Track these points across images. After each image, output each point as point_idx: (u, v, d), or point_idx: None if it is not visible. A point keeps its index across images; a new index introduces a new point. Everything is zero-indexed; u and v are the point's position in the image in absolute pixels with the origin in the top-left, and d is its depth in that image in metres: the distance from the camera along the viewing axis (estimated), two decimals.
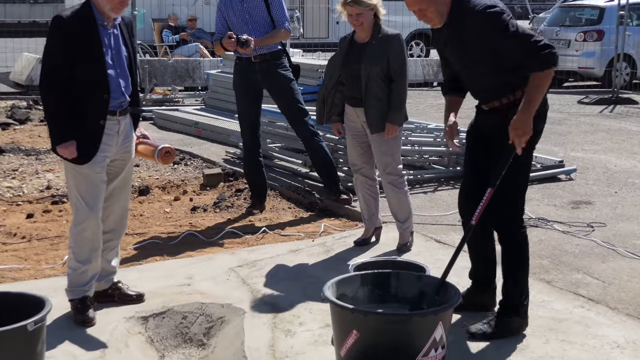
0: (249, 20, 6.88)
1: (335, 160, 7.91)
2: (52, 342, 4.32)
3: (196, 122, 11.09)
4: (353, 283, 4.25)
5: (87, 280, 4.78)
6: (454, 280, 4.63)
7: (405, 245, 5.92)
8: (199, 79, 15.52)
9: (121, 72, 4.67)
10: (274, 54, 6.99)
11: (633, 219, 6.84)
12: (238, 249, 6.18)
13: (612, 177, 8.44)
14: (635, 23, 16.46)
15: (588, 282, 5.33)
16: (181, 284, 5.32)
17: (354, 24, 5.68)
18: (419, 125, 8.90)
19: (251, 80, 7.03)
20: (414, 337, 3.81)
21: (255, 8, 6.91)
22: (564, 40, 16.51)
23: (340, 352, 3.95)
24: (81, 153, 4.58)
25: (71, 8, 4.62)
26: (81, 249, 4.73)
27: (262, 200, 7.30)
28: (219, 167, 8.76)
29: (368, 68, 5.65)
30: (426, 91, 16.26)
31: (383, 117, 5.68)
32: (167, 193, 8.00)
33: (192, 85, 15.72)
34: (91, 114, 4.59)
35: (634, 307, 4.90)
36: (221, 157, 9.32)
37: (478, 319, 4.56)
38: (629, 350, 4.30)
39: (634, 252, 5.91)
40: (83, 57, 4.52)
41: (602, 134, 11.10)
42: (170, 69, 15.53)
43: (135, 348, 4.57)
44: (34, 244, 6.23)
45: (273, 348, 4.39)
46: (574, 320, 4.69)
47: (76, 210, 4.71)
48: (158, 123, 11.81)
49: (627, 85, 15.78)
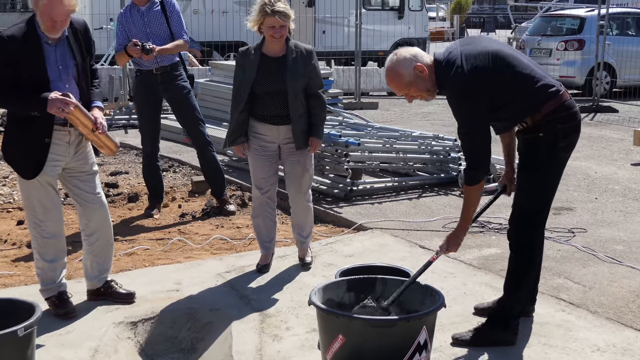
0: (150, 34, 7.05)
1: (322, 167, 7.94)
2: (42, 348, 4.31)
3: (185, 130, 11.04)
4: (339, 288, 4.26)
5: (58, 277, 4.86)
6: (438, 285, 4.65)
7: (305, 260, 5.74)
8: None
9: (69, 87, 4.62)
10: (174, 65, 7.22)
11: (613, 224, 6.87)
12: (226, 255, 6.18)
13: (593, 183, 8.49)
14: (615, 32, 16.56)
15: (569, 286, 5.35)
16: (170, 289, 5.31)
17: (274, 36, 5.23)
18: (403, 133, 8.92)
19: (153, 91, 7.23)
20: (398, 341, 3.81)
21: (155, 22, 7.12)
22: (546, 49, 16.59)
23: (326, 356, 3.96)
24: (27, 168, 4.64)
25: (15, 26, 4.57)
26: (46, 250, 4.79)
27: (160, 201, 7.57)
28: None
29: (294, 83, 5.28)
30: None
31: (305, 132, 5.43)
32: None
33: None
34: (36, 131, 4.59)
35: (614, 311, 4.92)
36: None
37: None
38: (608, 353, 4.33)
39: (614, 257, 5.93)
40: (27, 76, 4.49)
41: (583, 142, 11.13)
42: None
43: (125, 353, 4.56)
44: (24, 251, 6.20)
45: (261, 352, 4.39)
46: (556, 324, 4.71)
47: (31, 214, 4.76)
48: None
49: (607, 93, 15.87)
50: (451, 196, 7.81)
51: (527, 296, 4.57)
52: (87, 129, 4.64)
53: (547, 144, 4.25)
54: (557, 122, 4.24)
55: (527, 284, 4.49)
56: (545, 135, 4.24)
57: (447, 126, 11.80)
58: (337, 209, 7.33)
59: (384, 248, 6.20)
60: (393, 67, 4.29)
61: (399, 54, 4.30)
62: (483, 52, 4.20)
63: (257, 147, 5.46)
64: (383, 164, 8.36)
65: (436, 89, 4.33)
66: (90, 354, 4.37)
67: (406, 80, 4.26)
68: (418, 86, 4.28)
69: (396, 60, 4.28)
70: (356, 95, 15.34)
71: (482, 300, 4.99)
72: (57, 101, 4.41)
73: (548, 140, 4.25)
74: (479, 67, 4.14)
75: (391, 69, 4.31)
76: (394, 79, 4.31)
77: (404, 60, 4.26)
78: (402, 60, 4.26)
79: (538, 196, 4.39)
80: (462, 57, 4.18)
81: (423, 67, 4.23)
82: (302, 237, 5.75)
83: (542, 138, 4.25)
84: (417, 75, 4.24)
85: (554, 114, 4.22)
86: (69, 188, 4.88)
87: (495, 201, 4.96)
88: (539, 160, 4.30)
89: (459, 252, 6.00)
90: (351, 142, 7.89)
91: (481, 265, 5.76)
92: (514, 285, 4.46)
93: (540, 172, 4.33)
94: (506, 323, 4.43)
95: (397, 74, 4.27)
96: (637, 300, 5.09)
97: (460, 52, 4.21)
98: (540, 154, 4.28)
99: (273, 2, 5.18)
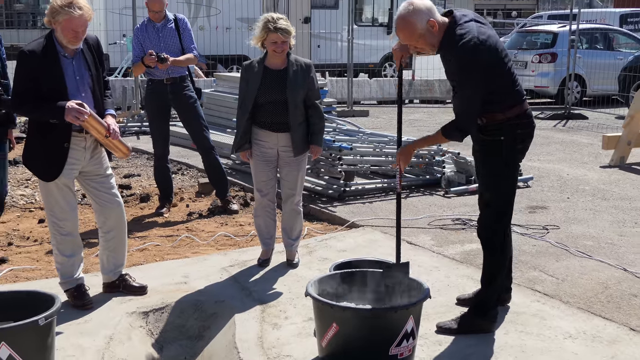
0: (163, 48, 7.09)
1: (317, 170, 7.95)
2: (61, 336, 4.31)
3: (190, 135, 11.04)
4: (334, 281, 4.26)
5: (76, 271, 4.86)
6: (424, 277, 4.66)
7: (293, 262, 5.70)
8: None
9: (85, 96, 4.63)
10: (182, 77, 7.29)
11: (583, 222, 6.88)
12: (230, 250, 6.17)
13: (565, 184, 8.49)
14: (585, 46, 16.59)
15: (543, 279, 5.36)
16: (178, 282, 5.31)
17: (276, 51, 5.22)
18: (392, 138, 8.92)
19: (163, 99, 7.27)
20: (388, 329, 3.82)
21: (168, 37, 7.19)
22: (522, 61, 16.59)
23: (321, 343, 3.97)
24: (47, 171, 4.64)
25: (35, 41, 4.61)
26: (64, 245, 4.79)
27: (169, 201, 7.57)
28: None
29: (294, 94, 5.27)
30: None
31: (304, 140, 5.43)
32: None
33: None
34: (56, 136, 4.60)
35: (584, 301, 4.93)
36: None
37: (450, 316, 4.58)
38: (579, 340, 4.33)
39: (585, 252, 5.94)
40: (47, 87, 4.50)
41: (556, 146, 11.17)
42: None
43: (137, 340, 4.56)
44: (45, 247, 6.19)
45: (261, 339, 4.39)
46: (531, 313, 4.71)
47: (50, 214, 4.76)
48: None
49: (578, 102, 15.89)
50: (435, 196, 7.81)
51: (501, 288, 4.56)
52: (100, 135, 4.64)
53: (507, 146, 4.26)
54: (518, 128, 4.27)
55: (501, 277, 4.48)
56: (506, 139, 4.25)
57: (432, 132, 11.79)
58: (332, 208, 7.33)
59: (374, 244, 6.20)
60: (408, 16, 4.07)
61: (416, 5, 4.07)
62: (494, 34, 4.16)
63: (258, 153, 5.45)
64: (373, 166, 8.35)
65: (437, 46, 4.17)
66: (106, 341, 4.37)
67: (418, 32, 4.08)
68: (426, 40, 4.12)
69: (413, 10, 4.07)
70: (349, 104, 15.33)
71: (464, 292, 5.00)
72: (73, 110, 4.42)
73: (508, 143, 4.26)
74: (492, 47, 4.08)
75: (405, 17, 4.08)
76: (406, 28, 4.10)
77: (420, 12, 4.06)
78: (419, 11, 4.06)
79: (502, 196, 4.39)
80: (478, 31, 4.05)
81: (435, 23, 4.07)
82: (291, 239, 5.71)
83: (503, 141, 4.25)
84: (428, 29, 4.07)
85: (516, 119, 4.25)
86: (87, 189, 4.88)
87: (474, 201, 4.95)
88: (503, 162, 4.30)
89: (442, 247, 6.04)
90: (344, 146, 7.89)
91: (463, 260, 5.76)
92: (488, 279, 4.45)
93: (504, 173, 4.35)
94: (485, 313, 4.43)
95: (410, 23, 4.07)
96: (605, 292, 5.10)
97: (476, 26, 4.08)
98: (503, 156, 4.28)
99: (275, 20, 5.20)
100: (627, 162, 9.67)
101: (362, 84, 17.17)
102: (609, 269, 5.56)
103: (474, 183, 7.93)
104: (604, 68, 15.61)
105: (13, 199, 7.80)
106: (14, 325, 3.60)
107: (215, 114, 11.93)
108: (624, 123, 9.91)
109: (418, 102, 17.24)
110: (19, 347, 3.55)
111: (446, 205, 7.45)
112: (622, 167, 9.47)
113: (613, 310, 4.77)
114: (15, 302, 3.93)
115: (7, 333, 3.56)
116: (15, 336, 3.56)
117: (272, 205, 5.66)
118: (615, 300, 4.94)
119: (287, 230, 5.70)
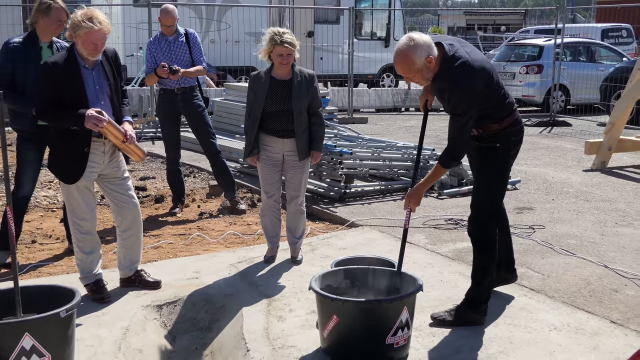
0: (175, 60, 7.10)
1: (320, 173, 7.94)
2: (81, 327, 4.31)
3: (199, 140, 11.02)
4: (336, 276, 4.25)
5: (95, 267, 4.86)
6: (419, 273, 4.65)
7: (297, 259, 5.68)
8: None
9: (104, 104, 4.64)
10: (192, 87, 7.31)
11: (567, 222, 6.86)
12: (238, 248, 6.16)
13: (550, 187, 8.48)
14: (569, 59, 16.56)
15: (530, 275, 5.34)
16: (190, 277, 5.30)
17: (283, 62, 5.22)
18: (389, 143, 8.91)
19: (174, 107, 7.28)
20: (384, 320, 3.82)
21: (179, 50, 7.20)
22: (510, 73, 16.58)
23: (323, 333, 3.96)
24: (69, 175, 4.64)
25: (58, 54, 4.65)
26: (84, 243, 4.78)
27: (182, 202, 7.56)
28: None
29: (299, 103, 5.26)
30: (395, 115, 16.29)
31: (308, 145, 5.42)
32: None
33: None
34: (77, 142, 4.60)
35: (568, 296, 4.91)
36: None
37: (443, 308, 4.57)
38: (564, 332, 4.32)
39: (568, 250, 5.92)
40: (69, 97, 4.51)
41: (542, 151, 11.15)
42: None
43: (152, 331, 4.55)
44: (66, 244, 6.18)
45: (267, 331, 4.38)
46: (519, 307, 4.70)
47: (71, 214, 4.76)
48: None
49: (562, 110, 15.88)
50: (430, 198, 7.79)
51: (492, 283, 4.54)
52: (118, 140, 4.64)
53: (502, 152, 4.28)
54: (512, 135, 4.29)
55: (491, 273, 4.46)
56: (501, 146, 4.27)
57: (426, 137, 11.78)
58: (333, 208, 7.32)
59: (373, 242, 6.19)
60: (407, 52, 3.98)
61: (416, 41, 3.98)
62: (482, 56, 4.16)
63: (264, 157, 5.45)
64: (372, 170, 8.34)
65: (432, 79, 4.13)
66: (122, 332, 4.36)
67: (415, 68, 4.02)
68: (423, 75, 4.06)
69: (413, 46, 3.97)
70: (349, 112, 15.32)
71: (456, 287, 4.99)
72: (93, 117, 4.43)
73: (503, 149, 4.28)
74: (483, 65, 4.06)
75: (405, 53, 4.00)
76: (404, 63, 4.02)
77: (419, 49, 3.97)
78: (418, 48, 3.97)
79: (494, 196, 4.40)
80: (468, 56, 4.03)
81: (432, 60, 4.01)
82: (295, 238, 5.70)
83: (498, 148, 4.27)
84: (426, 65, 4.01)
85: (510, 127, 4.26)
86: (106, 191, 4.87)
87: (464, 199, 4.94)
88: (496, 166, 4.31)
89: (436, 245, 6.02)
90: (344, 151, 7.88)
91: (455, 257, 5.75)
92: (480, 276, 4.44)
93: (497, 177, 4.35)
94: (476, 307, 4.42)
95: (409, 59, 3.98)
96: (588, 287, 5.09)
97: (465, 52, 4.05)
98: (497, 161, 4.30)
99: (281, 34, 5.21)
100: (608, 166, 9.66)
101: (361, 93, 17.18)
102: (591, 265, 5.54)
103: (466, 186, 7.92)
104: (586, 79, 15.59)
105: (37, 199, 7.80)
106: (37, 317, 3.60)
107: (225, 121, 11.93)
108: (605, 130, 9.89)
109: (413, 110, 17.23)
110: (41, 338, 3.55)
111: (439, 206, 7.43)
112: (604, 171, 9.44)
113: (595, 305, 4.76)
114: (39, 296, 3.93)
115: (31, 324, 3.55)
116: (38, 327, 3.55)
117: (278, 206, 5.65)
118: (597, 295, 4.93)
119: (291, 229, 5.69)
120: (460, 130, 4.10)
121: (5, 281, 5.12)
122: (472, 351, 4.08)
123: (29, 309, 3.76)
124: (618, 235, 6.39)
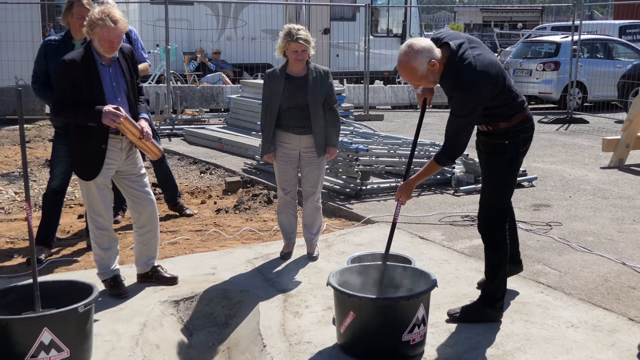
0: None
1: (336, 170, 7.94)
2: (99, 322, 4.34)
3: (219, 138, 11.08)
4: (354, 272, 4.25)
5: (113, 262, 4.88)
6: (435, 270, 4.64)
7: (313, 255, 5.65)
8: (222, 102, 15.51)
9: (121, 100, 4.66)
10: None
11: (584, 219, 6.82)
12: (254, 244, 6.17)
13: (567, 184, 8.43)
14: (586, 56, 16.46)
15: (547, 272, 5.31)
16: (207, 273, 5.32)
17: (297, 59, 5.22)
18: (405, 140, 8.90)
19: None
20: (401, 316, 3.81)
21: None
22: (527, 70, 16.50)
23: (340, 330, 3.96)
24: (87, 172, 4.67)
25: (75, 51, 4.65)
26: (101, 240, 4.81)
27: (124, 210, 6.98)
28: (239, 175, 8.76)
29: (315, 99, 5.27)
30: (411, 112, 16.25)
31: (324, 142, 5.41)
32: (195, 197, 8.02)
33: (216, 108, 15.69)
34: (94, 139, 4.62)
35: (585, 293, 4.89)
36: (240, 168, 9.31)
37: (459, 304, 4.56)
38: (581, 329, 4.30)
39: (585, 247, 5.89)
40: (86, 93, 4.53)
41: (559, 148, 11.09)
42: (198, 94, 15.53)
43: (169, 327, 4.57)
44: (84, 240, 6.22)
45: (284, 327, 4.38)
46: (535, 304, 4.68)
47: (89, 210, 4.79)
48: (188, 139, 11.81)
49: (579, 107, 15.76)
50: (446, 194, 7.78)
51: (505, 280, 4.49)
52: (134, 137, 4.66)
53: (512, 149, 4.25)
54: (522, 133, 4.26)
55: (504, 269, 4.43)
56: (510, 143, 4.24)
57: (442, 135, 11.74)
58: (349, 205, 7.32)
59: None
60: (408, 60, 3.95)
61: (415, 48, 3.94)
62: (489, 59, 4.07)
63: (281, 154, 5.45)
64: (388, 167, 8.34)
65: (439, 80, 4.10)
66: (140, 327, 4.38)
67: (419, 75, 4.00)
68: (428, 79, 4.04)
69: (413, 53, 3.94)
70: (365, 109, 15.31)
71: (472, 284, 4.97)
72: (110, 114, 4.45)
73: (512, 146, 4.25)
74: (488, 70, 4.01)
75: (406, 61, 3.97)
76: (407, 71, 4.00)
77: (420, 54, 3.93)
78: (419, 54, 3.93)
79: (504, 193, 4.38)
80: (473, 57, 3.98)
81: (435, 63, 3.97)
82: (311, 234, 5.70)
83: (507, 145, 4.24)
84: (430, 69, 3.97)
85: (520, 125, 4.23)
86: (123, 188, 4.90)
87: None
88: (506, 163, 4.28)
89: (452, 242, 6.01)
90: (361, 148, 7.88)
91: (472, 254, 5.73)
92: (492, 273, 4.41)
93: (506, 173, 4.33)
94: (492, 303, 4.40)
95: (411, 67, 3.96)
96: (605, 284, 5.06)
97: (471, 53, 4.00)
98: (506, 157, 4.27)
99: (296, 31, 5.22)
100: (626, 163, 9.59)
101: (377, 90, 17.15)
102: (608, 263, 5.51)
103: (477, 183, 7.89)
104: (604, 76, 15.47)
105: None
106: (56, 312, 3.63)
107: (242, 118, 11.97)
108: (623, 127, 9.82)
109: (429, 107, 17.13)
110: (60, 332, 3.58)
111: (456, 203, 7.41)
112: (621, 168, 9.38)
113: (613, 302, 4.73)
114: (58, 291, 3.96)
115: (49, 319, 3.58)
116: (56, 322, 3.58)
117: (294, 202, 5.65)
118: (615, 292, 4.89)
119: (307, 225, 5.70)
120: (460, 131, 4.09)
121: (24, 276, 5.17)
122: (488, 347, 4.06)
123: (47, 303, 3.78)
124: (636, 232, 6.35)
